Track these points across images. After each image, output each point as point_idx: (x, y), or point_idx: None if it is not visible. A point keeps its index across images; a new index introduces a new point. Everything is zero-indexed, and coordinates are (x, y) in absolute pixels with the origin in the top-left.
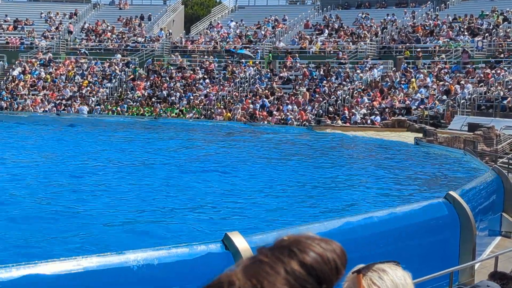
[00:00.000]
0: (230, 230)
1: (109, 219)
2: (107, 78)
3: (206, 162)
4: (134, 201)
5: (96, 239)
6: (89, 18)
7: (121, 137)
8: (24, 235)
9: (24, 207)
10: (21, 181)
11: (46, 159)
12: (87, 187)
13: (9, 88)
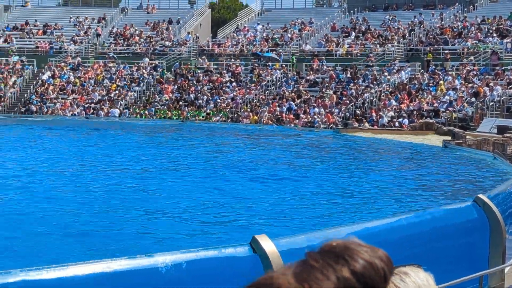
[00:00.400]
0: (258, 233)
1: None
2: (135, 82)
3: (234, 164)
4: (161, 203)
5: (130, 240)
6: (117, 22)
7: (150, 141)
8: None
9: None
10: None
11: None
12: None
13: (39, 92)
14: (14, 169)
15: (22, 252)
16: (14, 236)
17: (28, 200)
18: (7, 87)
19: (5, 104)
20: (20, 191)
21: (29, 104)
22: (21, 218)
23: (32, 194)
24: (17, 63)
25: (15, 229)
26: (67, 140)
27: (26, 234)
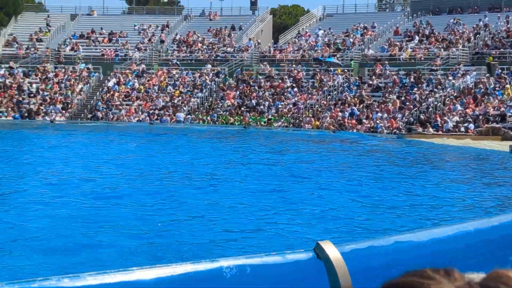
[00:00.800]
0: (322, 239)
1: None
2: (197, 88)
3: (299, 171)
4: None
5: (198, 245)
6: (181, 29)
7: (214, 147)
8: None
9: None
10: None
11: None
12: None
13: (105, 99)
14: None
15: (106, 257)
16: (97, 239)
17: (115, 205)
18: (74, 94)
19: (72, 111)
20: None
21: (95, 111)
22: (102, 222)
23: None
24: (84, 70)
25: (101, 233)
26: (145, 146)
27: (109, 239)
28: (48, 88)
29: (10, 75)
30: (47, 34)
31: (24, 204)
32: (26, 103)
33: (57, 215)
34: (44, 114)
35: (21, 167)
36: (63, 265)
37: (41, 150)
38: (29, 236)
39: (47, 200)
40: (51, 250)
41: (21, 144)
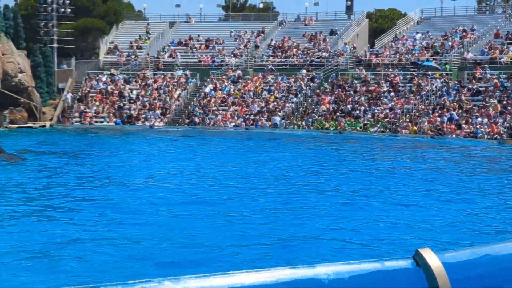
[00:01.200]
0: (420, 246)
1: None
2: (292, 93)
3: (399, 178)
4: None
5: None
6: (276, 35)
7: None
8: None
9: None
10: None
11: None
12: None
13: (202, 104)
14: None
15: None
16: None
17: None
18: (172, 100)
19: (170, 116)
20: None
21: (193, 116)
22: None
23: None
24: (181, 76)
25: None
26: (247, 151)
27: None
28: (147, 94)
29: (112, 81)
30: (147, 42)
31: (138, 206)
32: (126, 109)
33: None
34: (144, 119)
35: (128, 170)
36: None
37: (149, 155)
38: (139, 238)
39: (164, 202)
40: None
41: (129, 147)
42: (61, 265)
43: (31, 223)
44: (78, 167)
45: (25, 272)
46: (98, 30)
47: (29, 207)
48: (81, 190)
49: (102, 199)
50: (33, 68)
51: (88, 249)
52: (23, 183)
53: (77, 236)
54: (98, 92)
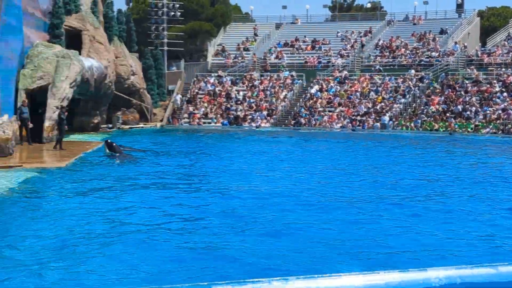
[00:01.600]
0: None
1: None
2: (401, 94)
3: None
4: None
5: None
6: (383, 35)
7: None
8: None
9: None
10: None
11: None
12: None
13: (308, 105)
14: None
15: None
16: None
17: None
18: (278, 101)
19: (276, 117)
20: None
21: (298, 117)
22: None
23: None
24: (288, 78)
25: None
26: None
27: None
28: (254, 96)
29: (219, 83)
30: (253, 43)
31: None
32: (233, 110)
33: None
34: (250, 120)
35: (248, 169)
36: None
37: (273, 156)
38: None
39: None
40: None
41: (246, 148)
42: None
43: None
44: (185, 168)
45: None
46: (206, 32)
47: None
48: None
49: (228, 195)
50: (145, 70)
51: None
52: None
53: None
54: (206, 94)
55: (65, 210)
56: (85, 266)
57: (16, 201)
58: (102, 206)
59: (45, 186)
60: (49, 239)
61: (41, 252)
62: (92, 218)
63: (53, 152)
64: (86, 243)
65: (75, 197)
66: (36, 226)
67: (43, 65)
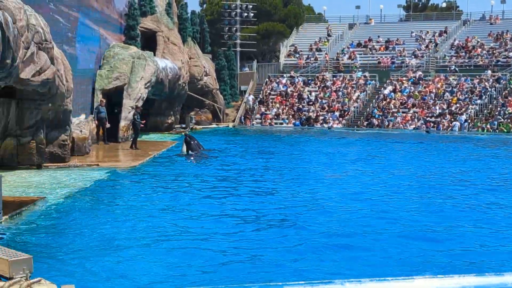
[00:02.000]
0: None
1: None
2: (476, 95)
3: None
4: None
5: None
6: (459, 34)
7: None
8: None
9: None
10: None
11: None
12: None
13: (381, 106)
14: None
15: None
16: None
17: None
18: (351, 102)
19: (348, 118)
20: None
21: (371, 118)
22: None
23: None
24: (360, 78)
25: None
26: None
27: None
28: (326, 96)
29: (291, 84)
30: (326, 44)
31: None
32: (305, 111)
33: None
34: (322, 121)
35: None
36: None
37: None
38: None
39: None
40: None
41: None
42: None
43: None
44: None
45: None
46: (279, 33)
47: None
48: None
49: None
50: (217, 71)
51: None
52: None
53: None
54: (278, 94)
55: (133, 208)
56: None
57: (90, 198)
58: (167, 205)
59: (118, 185)
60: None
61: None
62: (155, 217)
63: (128, 152)
64: (144, 242)
65: (143, 197)
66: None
67: (119, 66)
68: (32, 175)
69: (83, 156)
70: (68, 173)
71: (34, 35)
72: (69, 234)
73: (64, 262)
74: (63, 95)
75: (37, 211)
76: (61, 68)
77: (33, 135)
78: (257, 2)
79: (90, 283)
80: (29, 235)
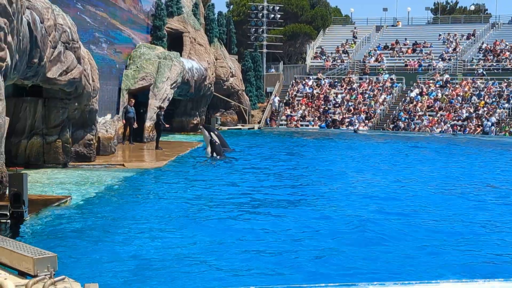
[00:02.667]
0: None
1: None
2: (504, 99)
3: None
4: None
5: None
6: (487, 38)
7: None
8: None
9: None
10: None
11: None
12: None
13: (407, 109)
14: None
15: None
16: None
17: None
18: (377, 104)
19: (374, 121)
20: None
21: (397, 121)
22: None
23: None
24: (387, 81)
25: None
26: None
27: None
28: (352, 99)
29: (318, 86)
30: (353, 46)
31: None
32: (331, 113)
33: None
34: (348, 124)
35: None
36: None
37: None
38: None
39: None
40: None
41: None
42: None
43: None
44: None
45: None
46: (306, 35)
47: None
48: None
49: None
50: (243, 72)
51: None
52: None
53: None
54: (304, 96)
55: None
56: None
57: (116, 198)
58: (185, 206)
59: (141, 185)
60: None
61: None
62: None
63: (153, 152)
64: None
65: (163, 199)
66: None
67: (145, 66)
68: (58, 173)
69: (108, 156)
70: (95, 172)
71: (61, 35)
72: (94, 233)
73: (88, 261)
74: (89, 95)
75: (62, 210)
76: (87, 67)
77: (59, 134)
78: (284, 3)
79: (113, 282)
80: (54, 233)
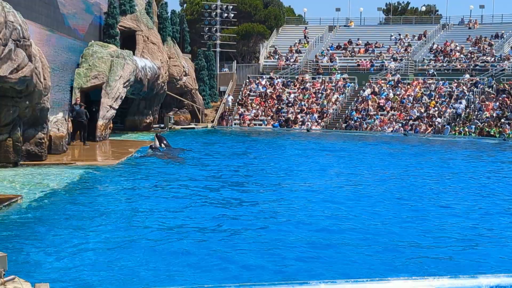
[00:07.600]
0: None
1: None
2: (454, 99)
3: None
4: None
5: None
6: (438, 38)
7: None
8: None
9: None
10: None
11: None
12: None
13: (359, 109)
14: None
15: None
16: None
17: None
18: (330, 104)
19: (327, 120)
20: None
21: (350, 120)
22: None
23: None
24: (340, 80)
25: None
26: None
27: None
28: (305, 98)
29: (271, 85)
30: (306, 46)
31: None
32: (284, 112)
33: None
34: (301, 123)
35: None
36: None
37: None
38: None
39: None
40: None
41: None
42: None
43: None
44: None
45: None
46: (259, 34)
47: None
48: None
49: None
50: (197, 71)
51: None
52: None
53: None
54: (257, 95)
55: (110, 208)
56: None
57: (67, 196)
58: (146, 204)
59: (93, 183)
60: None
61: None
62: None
63: (105, 150)
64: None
65: (121, 195)
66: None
67: (98, 65)
68: (8, 173)
69: (59, 155)
70: (46, 171)
71: (12, 32)
72: (45, 232)
73: (38, 261)
74: (41, 93)
75: (13, 209)
76: (39, 65)
77: (9, 133)
78: (238, 2)
79: (64, 282)
80: (3, 233)
